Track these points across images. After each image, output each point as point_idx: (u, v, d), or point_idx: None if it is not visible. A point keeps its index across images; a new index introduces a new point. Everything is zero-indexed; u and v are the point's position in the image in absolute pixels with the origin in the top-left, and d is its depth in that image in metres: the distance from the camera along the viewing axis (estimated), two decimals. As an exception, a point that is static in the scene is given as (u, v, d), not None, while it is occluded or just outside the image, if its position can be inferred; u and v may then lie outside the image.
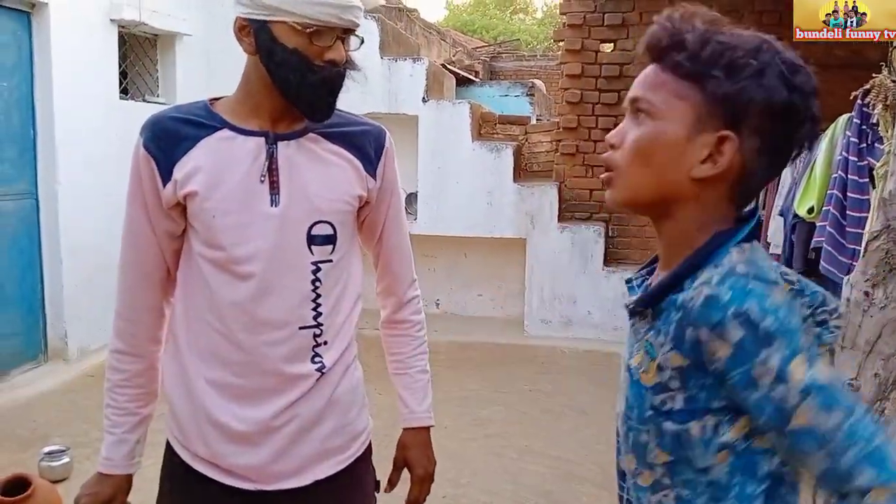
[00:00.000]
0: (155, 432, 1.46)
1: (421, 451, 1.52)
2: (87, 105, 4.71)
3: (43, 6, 4.39)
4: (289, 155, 1.29)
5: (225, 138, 1.28)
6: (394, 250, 1.48)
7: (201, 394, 1.32)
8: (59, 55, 4.47)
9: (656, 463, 0.94)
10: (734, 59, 0.86)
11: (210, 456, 1.34)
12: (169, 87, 5.57)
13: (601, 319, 5.69)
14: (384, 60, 5.68)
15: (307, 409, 1.34)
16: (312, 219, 1.30)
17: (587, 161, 5.93)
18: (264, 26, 1.23)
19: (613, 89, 5.81)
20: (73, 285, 4.69)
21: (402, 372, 1.54)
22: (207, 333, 1.32)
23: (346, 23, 1.25)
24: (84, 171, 4.73)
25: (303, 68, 1.23)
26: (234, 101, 1.33)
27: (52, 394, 4.26)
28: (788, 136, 0.88)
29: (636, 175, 0.92)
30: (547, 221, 5.70)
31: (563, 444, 3.81)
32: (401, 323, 1.54)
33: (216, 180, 1.27)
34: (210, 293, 1.30)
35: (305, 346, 1.33)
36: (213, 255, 1.29)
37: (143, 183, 1.30)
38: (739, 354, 0.82)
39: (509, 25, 27.49)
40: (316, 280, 1.32)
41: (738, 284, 0.84)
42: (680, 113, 0.88)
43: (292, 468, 1.35)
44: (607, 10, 5.78)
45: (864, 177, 2.87)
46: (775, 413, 0.82)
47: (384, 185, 1.40)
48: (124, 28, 5.09)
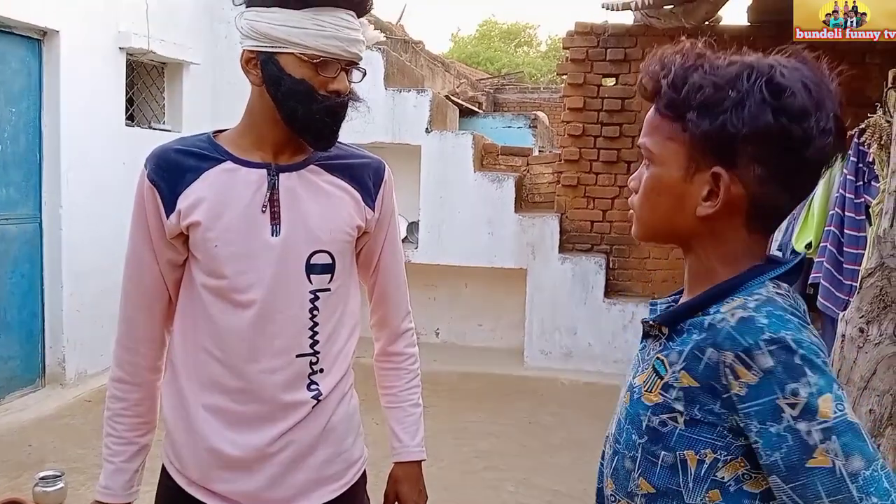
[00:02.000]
0: (152, 458, 1.46)
1: (412, 486, 1.52)
2: (93, 131, 4.76)
3: (53, 34, 4.46)
4: (290, 186, 1.32)
5: (228, 170, 1.31)
6: (389, 281, 1.49)
7: (198, 419, 1.33)
8: (67, 82, 4.54)
9: (637, 493, 0.92)
10: (708, 97, 0.85)
11: (205, 482, 1.34)
12: (175, 114, 5.63)
13: (601, 351, 5.67)
14: (388, 91, 5.75)
15: (303, 436, 1.35)
16: (312, 248, 1.32)
17: (588, 193, 5.96)
18: (271, 58, 1.26)
19: (615, 123, 5.86)
20: (74, 310, 4.70)
21: (395, 406, 1.54)
22: (206, 360, 1.33)
23: (351, 55, 1.29)
24: (88, 197, 4.77)
25: (309, 98, 1.26)
26: (237, 134, 1.36)
27: (49, 418, 4.24)
28: (796, 158, 0.86)
29: (649, 217, 0.95)
30: (548, 252, 5.71)
31: (562, 478, 3.78)
32: (395, 356, 1.54)
33: (219, 211, 1.29)
34: (210, 321, 1.32)
35: (302, 373, 1.34)
36: (215, 284, 1.31)
37: (147, 213, 1.32)
38: (767, 383, 0.80)
39: (514, 58, 27.82)
40: (314, 308, 1.33)
41: (777, 313, 0.83)
42: (674, 155, 0.89)
43: (287, 495, 1.35)
44: (609, 45, 5.86)
45: (860, 214, 2.89)
46: (793, 450, 0.79)
47: (382, 217, 1.43)
48: (132, 56, 5.16)
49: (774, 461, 0.80)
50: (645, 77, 0.92)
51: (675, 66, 0.89)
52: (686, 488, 0.88)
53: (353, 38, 1.28)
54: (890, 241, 1.71)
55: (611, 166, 5.91)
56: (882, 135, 2.02)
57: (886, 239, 1.71)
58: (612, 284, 5.88)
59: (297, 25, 1.23)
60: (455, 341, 6.37)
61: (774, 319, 0.82)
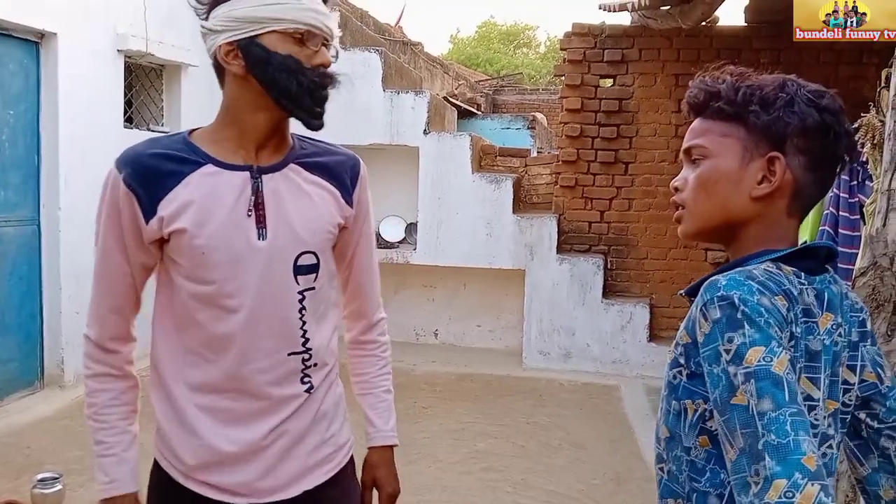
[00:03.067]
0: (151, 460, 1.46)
1: (388, 470, 1.53)
2: (92, 133, 4.77)
3: (51, 36, 4.47)
4: (273, 188, 1.32)
5: (210, 174, 1.30)
6: (364, 274, 1.51)
7: (191, 418, 1.34)
8: (65, 84, 4.55)
9: (661, 437, 1.07)
10: (765, 95, 1.02)
11: (200, 474, 1.35)
12: (173, 116, 5.64)
13: (600, 352, 5.68)
14: (387, 93, 5.75)
15: (295, 426, 1.37)
16: (298, 250, 1.33)
17: (586, 194, 5.97)
18: (253, 41, 1.26)
19: (612, 123, 5.87)
20: (72, 312, 4.70)
21: (368, 392, 1.56)
22: (197, 364, 1.33)
23: (328, 30, 1.30)
24: (87, 199, 4.77)
25: (298, 71, 1.27)
26: (215, 132, 1.34)
27: (47, 420, 4.24)
28: (831, 151, 1.02)
29: (703, 205, 1.06)
30: (546, 253, 5.72)
31: (560, 479, 3.78)
32: (368, 343, 1.56)
33: (204, 217, 1.28)
34: (198, 326, 1.32)
35: (295, 369, 1.36)
36: (201, 290, 1.30)
37: (121, 217, 1.29)
38: (714, 331, 0.94)
39: (512, 59, 27.84)
40: (302, 308, 1.35)
41: (737, 278, 0.95)
42: (729, 148, 1.04)
43: (279, 483, 1.38)
44: (607, 47, 5.87)
45: (854, 214, 2.89)
46: (725, 388, 0.92)
47: (358, 212, 1.45)
48: (131, 58, 5.17)
49: (714, 398, 0.94)
50: (696, 91, 1.08)
51: (727, 78, 1.06)
52: (684, 433, 1.02)
53: (326, 13, 1.30)
54: (882, 241, 1.72)
55: (608, 167, 5.92)
56: (875, 134, 2.03)
57: (879, 238, 1.71)
58: (610, 285, 5.88)
59: (275, 2, 1.25)
60: (453, 342, 6.37)
61: (731, 282, 0.95)
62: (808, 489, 0.82)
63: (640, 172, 5.89)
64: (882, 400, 1.09)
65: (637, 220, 5.93)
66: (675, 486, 1.05)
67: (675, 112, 5.79)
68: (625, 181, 5.92)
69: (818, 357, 0.99)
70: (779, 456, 0.85)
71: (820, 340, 0.99)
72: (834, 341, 1.02)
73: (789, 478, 0.83)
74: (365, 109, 5.65)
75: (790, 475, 0.83)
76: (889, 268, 1.71)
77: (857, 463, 1.12)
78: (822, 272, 1.04)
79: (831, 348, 1.01)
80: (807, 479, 0.83)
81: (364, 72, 5.70)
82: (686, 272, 5.80)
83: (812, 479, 0.83)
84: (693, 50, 5.73)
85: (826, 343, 1.00)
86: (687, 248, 5.84)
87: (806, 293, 1.00)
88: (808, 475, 0.83)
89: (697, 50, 5.72)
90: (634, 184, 5.91)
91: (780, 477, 0.84)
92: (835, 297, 1.04)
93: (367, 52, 5.82)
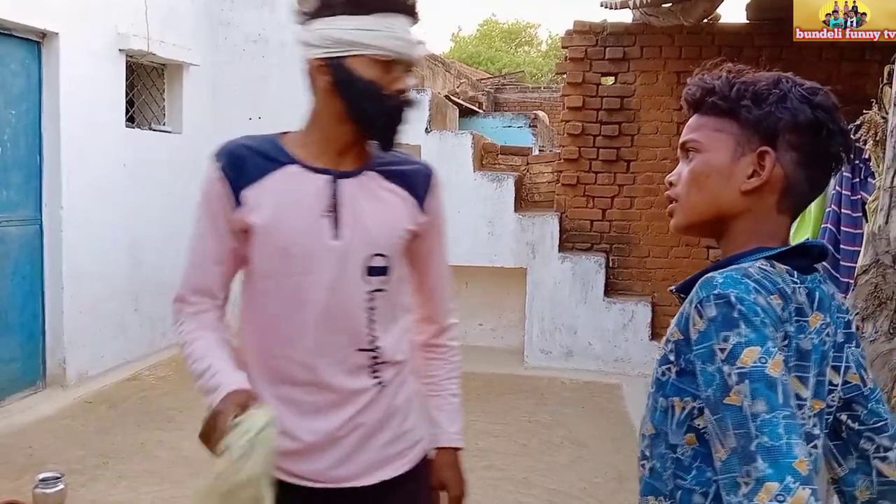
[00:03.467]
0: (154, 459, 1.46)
1: (454, 472, 1.57)
2: (93, 133, 4.77)
3: (53, 36, 4.48)
4: (350, 192, 1.40)
5: (293, 174, 1.39)
6: (437, 279, 1.57)
7: (273, 410, 1.37)
8: (67, 84, 4.55)
9: (645, 434, 1.07)
10: (758, 91, 1.02)
11: (279, 462, 1.35)
12: (175, 115, 5.65)
13: (602, 350, 5.67)
14: (387, 91, 5.75)
15: (369, 418, 1.44)
16: (370, 251, 1.40)
17: (588, 192, 5.96)
18: (341, 62, 1.33)
19: (614, 121, 5.86)
20: (74, 312, 4.71)
21: (436, 394, 1.60)
22: (274, 357, 1.42)
23: (413, 57, 1.37)
24: (89, 198, 4.78)
25: (378, 97, 1.34)
26: (302, 136, 1.43)
27: (49, 420, 4.25)
28: (823, 149, 1.02)
29: (694, 199, 1.07)
30: (548, 251, 5.71)
31: (562, 477, 3.78)
32: (438, 347, 1.61)
33: (283, 214, 1.37)
34: (275, 320, 1.41)
35: (364, 364, 1.43)
36: (278, 285, 1.39)
37: (213, 203, 1.39)
38: (709, 329, 0.93)
39: (514, 58, 27.81)
40: (371, 308, 1.42)
41: (733, 276, 0.95)
42: (722, 143, 1.04)
43: (352, 473, 1.45)
44: (608, 44, 5.85)
45: (857, 211, 2.88)
46: (718, 387, 0.91)
47: (431, 219, 1.51)
48: (132, 58, 5.17)
49: (707, 396, 0.93)
50: (693, 88, 1.08)
51: (723, 75, 1.07)
52: (671, 430, 1.02)
53: (413, 42, 1.36)
54: (885, 238, 1.71)
55: (610, 165, 5.91)
56: (877, 131, 2.02)
57: (881, 236, 1.70)
58: (611, 283, 5.87)
59: (368, 28, 1.31)
60: (456, 341, 6.37)
61: (728, 279, 0.95)
62: (799, 493, 0.83)
63: (642, 170, 5.88)
64: (864, 402, 1.09)
65: (639, 218, 5.92)
66: (658, 483, 1.05)
67: (676, 110, 5.78)
68: (627, 179, 5.91)
69: (808, 356, 0.99)
70: (771, 458, 0.85)
71: (810, 340, 0.99)
72: (822, 341, 1.02)
73: (781, 481, 0.84)
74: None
75: (782, 478, 0.84)
76: (891, 265, 1.70)
77: (835, 463, 1.13)
78: (812, 271, 1.05)
79: (820, 347, 1.02)
80: (798, 483, 0.83)
81: (417, 78, 5.70)
82: (688, 270, 5.78)
83: (803, 483, 0.83)
84: (695, 47, 5.71)
85: (815, 342, 1.00)
86: (689, 245, 5.83)
87: (798, 292, 1.00)
88: (800, 479, 0.84)
89: (699, 47, 5.70)
90: (636, 182, 5.89)
91: (772, 480, 0.84)
92: (825, 297, 1.04)
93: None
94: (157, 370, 5.21)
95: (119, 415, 4.39)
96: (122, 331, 5.17)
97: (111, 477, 3.53)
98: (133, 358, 5.24)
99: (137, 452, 3.81)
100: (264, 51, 5.87)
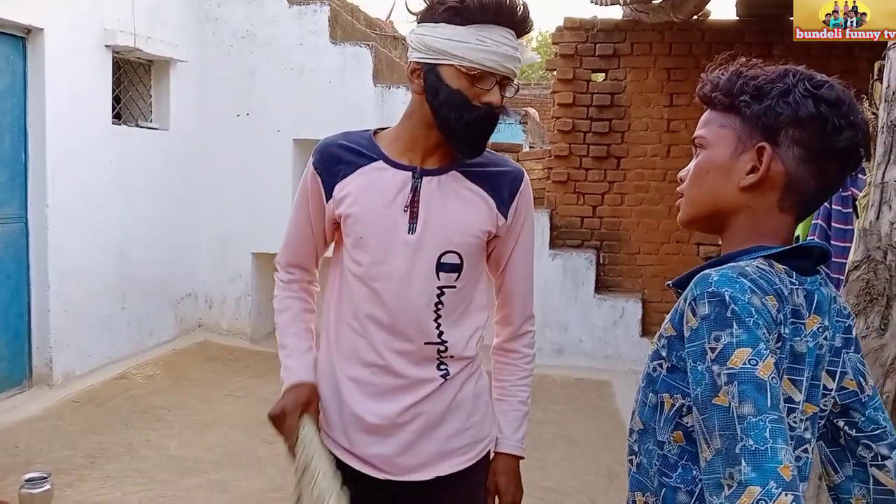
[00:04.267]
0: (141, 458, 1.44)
1: (511, 479, 1.57)
2: (79, 130, 4.72)
3: (38, 31, 4.42)
4: (431, 189, 1.45)
5: (379, 169, 1.46)
6: (516, 283, 1.57)
7: (343, 388, 1.50)
8: (52, 80, 4.49)
9: (633, 429, 1.07)
10: (760, 85, 1.01)
11: (348, 444, 1.50)
12: (162, 112, 5.60)
13: (592, 347, 5.68)
14: (378, 87, 5.72)
15: (431, 408, 1.48)
16: (442, 248, 1.45)
17: (578, 189, 5.96)
18: (434, 69, 1.39)
19: (604, 118, 5.86)
20: (60, 310, 4.66)
21: (503, 398, 1.60)
22: (350, 336, 1.50)
23: (506, 71, 1.39)
24: (75, 196, 4.73)
25: (462, 107, 1.38)
26: (394, 134, 1.50)
27: (36, 420, 4.21)
28: (829, 144, 0.98)
29: (695, 194, 1.07)
30: (538, 248, 5.70)
31: (552, 475, 3.77)
32: (511, 352, 1.61)
33: (366, 205, 1.45)
34: (353, 302, 1.49)
35: (431, 356, 1.48)
36: (357, 271, 1.47)
37: (310, 195, 1.52)
38: (701, 328, 0.92)
39: (504, 54, 27.66)
40: (439, 303, 1.46)
41: (729, 274, 0.93)
42: (724, 138, 1.03)
43: (417, 463, 1.49)
44: (599, 41, 5.85)
45: (847, 207, 2.89)
46: (707, 387, 0.90)
47: (514, 224, 1.51)
48: (119, 54, 5.12)
49: (696, 395, 0.92)
50: (704, 84, 1.08)
51: (731, 69, 1.06)
52: (658, 427, 1.02)
53: (510, 56, 1.37)
54: (876, 234, 1.71)
55: (600, 162, 5.91)
56: (868, 127, 2.01)
57: (872, 231, 1.70)
58: (602, 280, 5.88)
59: (460, 40, 1.35)
60: (446, 338, 6.35)
61: (723, 278, 0.93)
62: (781, 499, 0.82)
63: (632, 167, 5.88)
64: (862, 409, 1.08)
65: (629, 214, 5.93)
66: (644, 479, 1.04)
67: (666, 106, 5.79)
68: (617, 176, 5.91)
69: (802, 359, 0.98)
70: (755, 462, 0.84)
71: (805, 342, 0.98)
72: (819, 344, 1.01)
73: (764, 485, 0.83)
74: (356, 104, 5.62)
75: (765, 483, 0.83)
76: (883, 261, 1.70)
77: (831, 470, 1.11)
78: (813, 273, 1.03)
79: (815, 351, 1.00)
80: (781, 488, 0.82)
81: (355, 66, 5.67)
82: (678, 267, 5.80)
83: (786, 489, 0.82)
84: (685, 44, 5.72)
85: (810, 345, 0.99)
86: (679, 242, 5.84)
87: (796, 293, 0.98)
88: (783, 485, 0.82)
89: (689, 44, 5.71)
90: (626, 178, 5.90)
91: (755, 483, 0.83)
92: (824, 300, 1.02)
93: (357, 46, 5.79)
94: (145, 369, 5.17)
95: (106, 414, 4.35)
96: (110, 329, 5.12)
97: (98, 477, 3.50)
98: (120, 357, 5.19)
99: (125, 452, 3.78)
100: (252, 47, 5.82)
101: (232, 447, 3.89)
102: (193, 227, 5.88)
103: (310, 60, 5.73)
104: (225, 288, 6.01)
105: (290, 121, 5.72)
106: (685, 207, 1.09)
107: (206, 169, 5.88)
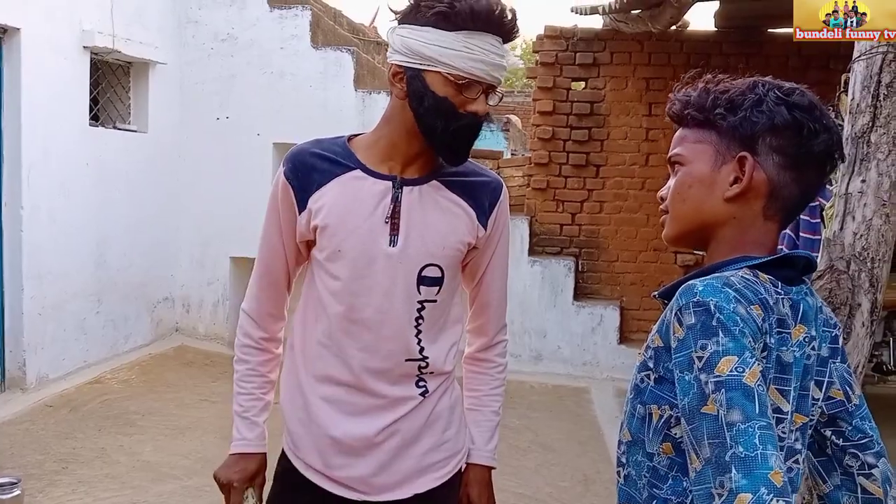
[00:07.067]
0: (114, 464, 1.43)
1: (483, 489, 1.55)
2: (56, 131, 4.67)
3: (14, 31, 4.38)
4: (412, 200, 1.40)
5: (357, 178, 1.40)
6: (492, 294, 1.54)
7: (315, 409, 1.45)
8: (29, 81, 4.45)
9: (622, 440, 1.06)
10: (732, 98, 1.02)
11: (321, 466, 1.46)
12: (141, 114, 5.56)
13: (571, 354, 5.70)
14: (359, 93, 5.72)
15: (409, 426, 1.45)
16: (424, 261, 1.40)
17: (558, 196, 5.99)
18: (418, 74, 1.33)
19: (584, 126, 5.90)
20: (35, 313, 4.60)
21: (476, 408, 1.58)
22: (323, 355, 1.44)
23: (493, 80, 1.35)
24: (51, 198, 4.68)
25: (449, 115, 1.33)
26: (371, 141, 1.44)
27: (8, 424, 4.14)
28: (806, 149, 1.00)
29: (679, 210, 1.07)
30: (517, 255, 5.72)
31: (529, 482, 3.78)
32: (485, 361, 1.59)
33: (344, 217, 1.39)
34: (328, 319, 1.42)
35: (410, 373, 1.44)
36: (334, 286, 1.41)
37: (280, 207, 1.44)
38: (688, 338, 0.92)
39: (488, 61, 27.71)
40: (420, 318, 1.42)
41: (714, 284, 0.94)
42: (702, 153, 1.05)
43: (393, 481, 1.45)
44: (579, 50, 5.89)
45: (815, 217, 2.93)
46: (695, 396, 0.90)
47: (492, 234, 1.48)
48: (97, 55, 5.08)
49: (684, 405, 0.92)
50: (674, 103, 1.09)
51: (699, 86, 1.07)
52: (647, 438, 1.01)
53: (497, 64, 1.34)
54: (839, 244, 1.74)
55: (580, 170, 5.94)
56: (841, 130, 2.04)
57: (836, 241, 1.73)
58: (581, 287, 5.91)
59: (447, 46, 1.30)
60: (425, 344, 6.35)
61: (707, 287, 0.94)
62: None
63: (611, 175, 5.92)
64: (849, 418, 1.09)
65: (608, 222, 5.97)
66: (633, 491, 1.03)
67: (645, 115, 5.84)
68: (596, 184, 5.95)
69: (789, 369, 0.98)
70: (745, 469, 0.84)
71: (791, 352, 0.98)
72: (806, 354, 1.01)
73: (755, 492, 0.82)
74: (337, 109, 5.61)
75: (756, 490, 0.82)
76: (846, 271, 1.73)
77: (819, 480, 1.12)
78: (799, 283, 1.04)
79: (802, 361, 1.00)
80: (772, 495, 0.82)
81: (336, 71, 5.67)
82: (656, 275, 5.85)
83: (777, 495, 0.82)
84: (664, 54, 5.78)
85: (797, 355, 0.99)
86: (657, 251, 5.88)
87: (781, 303, 0.99)
88: (774, 491, 0.82)
89: (668, 54, 5.77)
90: (605, 186, 5.94)
91: (746, 491, 0.83)
92: (809, 310, 1.03)
93: (339, 51, 5.78)
94: (120, 373, 5.12)
95: (80, 419, 4.30)
96: (84, 333, 5.07)
97: (70, 482, 3.45)
98: (95, 361, 5.13)
99: (97, 457, 3.74)
100: (232, 50, 5.80)
101: (207, 453, 3.86)
102: (171, 230, 5.84)
103: (290, 64, 5.72)
104: (203, 292, 5.97)
105: (270, 125, 5.69)
106: (671, 224, 1.09)
107: (185, 172, 5.84)
